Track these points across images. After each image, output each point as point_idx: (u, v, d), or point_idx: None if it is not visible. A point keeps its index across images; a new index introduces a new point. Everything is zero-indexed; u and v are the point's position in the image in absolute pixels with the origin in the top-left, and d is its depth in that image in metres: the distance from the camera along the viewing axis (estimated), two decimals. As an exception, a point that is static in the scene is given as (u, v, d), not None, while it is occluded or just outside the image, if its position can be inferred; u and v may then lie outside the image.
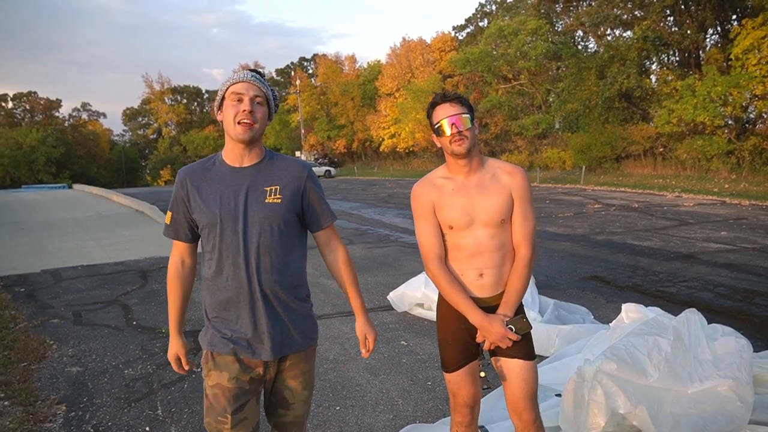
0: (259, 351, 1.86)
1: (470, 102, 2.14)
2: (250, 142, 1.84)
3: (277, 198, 1.85)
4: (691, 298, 5.49)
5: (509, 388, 2.16)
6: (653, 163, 23.06)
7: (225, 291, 1.84)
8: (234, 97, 1.80)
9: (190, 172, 1.90)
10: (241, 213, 1.82)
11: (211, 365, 1.87)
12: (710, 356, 2.78)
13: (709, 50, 23.28)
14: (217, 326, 1.88)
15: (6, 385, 3.89)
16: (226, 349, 1.85)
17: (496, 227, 2.11)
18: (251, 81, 1.82)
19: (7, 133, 60.54)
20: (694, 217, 11.24)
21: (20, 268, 8.46)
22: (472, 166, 2.13)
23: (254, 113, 1.80)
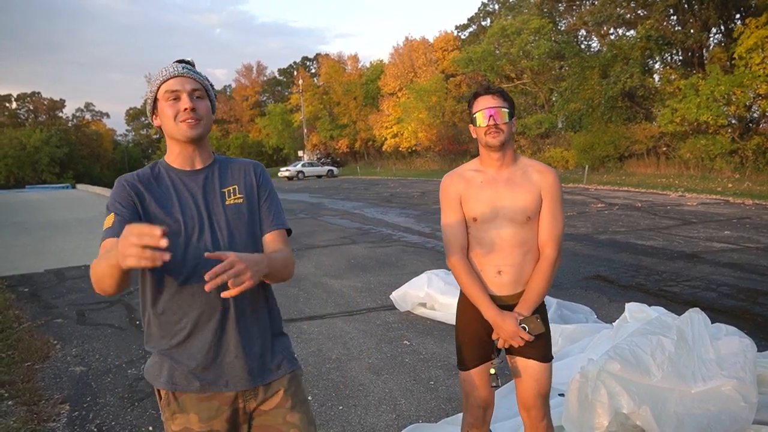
0: (234, 380, 1.56)
1: (512, 98, 2.15)
2: (199, 140, 1.61)
3: (239, 198, 1.65)
4: (694, 298, 5.48)
5: (521, 386, 2.17)
6: (656, 163, 23.01)
7: (189, 311, 1.54)
8: (169, 95, 1.56)
9: (136, 178, 1.60)
10: (205, 218, 1.58)
11: (175, 407, 1.55)
12: (714, 356, 2.77)
13: (713, 49, 23.20)
14: (174, 356, 1.55)
15: (10, 384, 3.90)
16: (192, 385, 1.53)
17: (520, 224, 2.10)
18: (185, 74, 1.58)
19: (10, 133, 60.73)
20: (697, 217, 11.21)
21: (24, 268, 8.48)
22: (505, 160, 2.13)
23: (197, 109, 1.57)
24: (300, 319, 5.34)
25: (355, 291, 6.33)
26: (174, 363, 1.55)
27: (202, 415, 1.55)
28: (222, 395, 1.56)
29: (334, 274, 7.24)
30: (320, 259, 8.30)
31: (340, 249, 9.18)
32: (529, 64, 29.60)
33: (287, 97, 61.18)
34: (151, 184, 1.60)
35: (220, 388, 1.55)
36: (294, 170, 40.91)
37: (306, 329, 5.01)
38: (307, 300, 6.02)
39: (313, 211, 15.65)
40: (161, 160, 1.68)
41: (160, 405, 1.60)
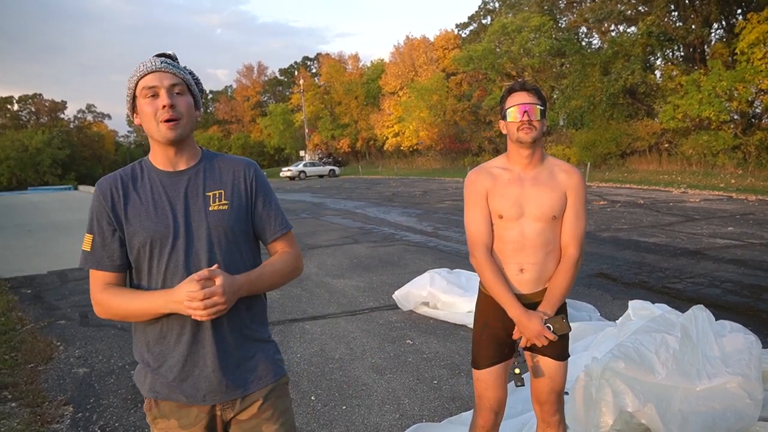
0: (211, 394, 1.53)
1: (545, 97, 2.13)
2: (181, 142, 1.52)
3: (223, 204, 1.54)
4: (698, 295, 5.46)
5: (535, 382, 2.19)
6: (658, 159, 22.97)
7: (165, 323, 1.50)
8: (147, 92, 1.47)
9: (112, 182, 1.53)
10: (182, 226, 1.49)
11: (156, 413, 1.56)
12: (719, 353, 2.76)
13: (714, 45, 23.16)
14: (153, 367, 1.54)
15: (13, 386, 3.90)
16: (172, 394, 1.53)
17: (545, 222, 2.09)
18: (163, 69, 1.48)
19: (12, 135, 60.88)
20: (700, 213, 11.19)
21: (27, 269, 8.49)
22: (533, 159, 2.12)
23: (176, 107, 1.47)
24: (303, 319, 5.34)
25: (358, 291, 6.33)
26: (154, 373, 1.54)
27: (182, 422, 1.54)
28: (199, 406, 1.54)
29: (337, 274, 7.24)
30: (322, 259, 8.30)
31: (342, 249, 9.18)
32: (530, 61, 29.56)
33: (288, 97, 61.18)
34: (129, 189, 1.53)
35: (198, 402, 1.53)
36: (296, 170, 40.94)
37: (309, 329, 5.00)
38: (310, 300, 6.02)
39: (315, 211, 15.65)
40: (145, 158, 1.60)
41: (145, 408, 1.60)
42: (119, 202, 1.51)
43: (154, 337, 1.53)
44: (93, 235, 1.51)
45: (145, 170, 1.57)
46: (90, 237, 1.51)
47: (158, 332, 1.52)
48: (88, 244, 1.51)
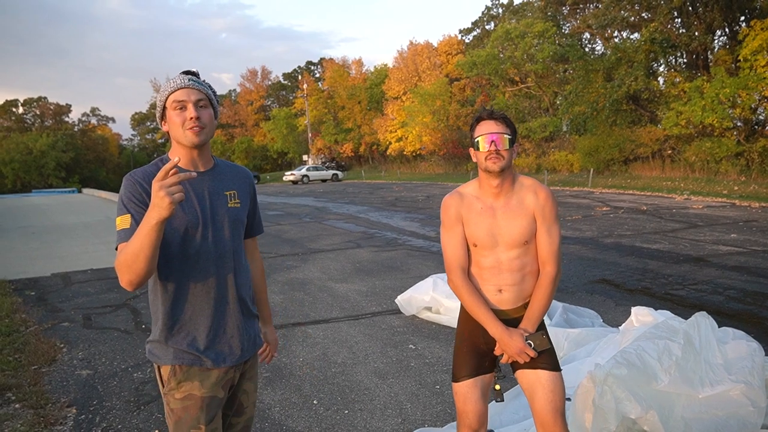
0: (229, 357, 1.81)
1: (514, 124, 2.15)
2: (202, 146, 1.78)
3: (237, 202, 1.85)
4: (701, 302, 5.45)
5: (536, 401, 2.10)
6: (661, 166, 22.95)
7: (193, 298, 1.75)
8: (176, 105, 1.72)
9: (145, 173, 1.72)
10: (209, 217, 1.76)
11: (181, 377, 1.75)
12: (721, 360, 2.76)
13: (717, 52, 23.18)
14: (177, 339, 1.75)
15: (17, 387, 3.91)
16: (197, 360, 1.75)
17: (519, 248, 2.13)
18: (191, 86, 1.74)
19: (17, 138, 61.13)
20: (703, 220, 11.17)
21: (31, 271, 8.52)
22: (503, 187, 2.14)
23: (201, 118, 1.73)
24: (305, 323, 5.35)
25: (361, 295, 6.33)
26: (176, 344, 1.75)
27: (204, 384, 1.77)
28: (220, 369, 1.80)
29: (339, 278, 7.24)
30: (325, 264, 8.31)
31: (345, 253, 9.19)
32: (533, 67, 29.61)
33: (292, 102, 61.34)
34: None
35: (219, 364, 1.78)
36: (299, 174, 41.00)
37: (311, 333, 5.01)
38: (313, 304, 6.03)
39: (318, 215, 15.67)
40: (165, 156, 1.84)
41: (165, 379, 1.77)
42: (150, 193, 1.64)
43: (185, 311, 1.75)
44: (131, 214, 1.65)
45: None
46: (128, 216, 1.65)
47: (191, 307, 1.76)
48: (126, 222, 1.65)
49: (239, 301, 1.83)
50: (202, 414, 1.74)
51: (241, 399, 1.93)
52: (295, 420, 3.36)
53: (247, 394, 1.94)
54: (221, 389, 1.80)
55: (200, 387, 1.75)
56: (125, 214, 1.65)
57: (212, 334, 1.77)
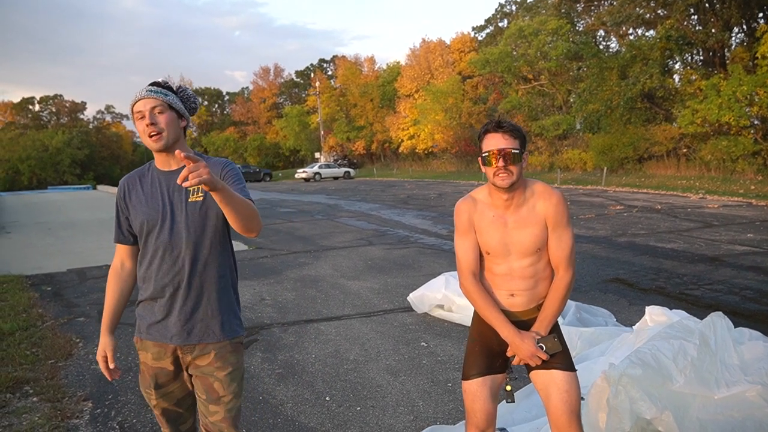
0: (175, 336, 1.99)
1: (524, 133, 2.10)
2: (167, 149, 1.96)
3: (199, 196, 1.97)
4: (716, 302, 5.40)
5: (551, 402, 2.08)
6: (676, 164, 22.69)
7: (153, 283, 1.99)
8: (137, 115, 1.94)
9: (128, 179, 2.09)
10: (168, 212, 1.97)
11: (140, 345, 2.07)
12: (737, 361, 2.73)
13: (735, 49, 22.85)
14: (140, 314, 2.06)
15: (34, 381, 3.97)
16: (148, 335, 2.04)
17: (531, 256, 2.12)
18: (146, 96, 1.93)
19: (34, 135, 61.85)
20: (718, 219, 11.04)
21: (47, 267, 8.64)
22: (513, 200, 2.12)
23: (157, 124, 1.92)
24: (317, 320, 5.37)
25: (373, 292, 6.34)
26: (140, 320, 2.07)
27: (154, 356, 2.03)
28: (167, 345, 2.01)
29: (352, 276, 7.26)
30: (337, 261, 8.33)
31: (357, 250, 9.20)
32: (547, 65, 29.40)
33: (304, 99, 61.41)
34: (137, 182, 2.05)
35: (166, 341, 2.00)
36: (311, 172, 41.10)
37: (324, 330, 5.03)
38: (325, 301, 6.05)
39: (330, 213, 15.70)
40: (152, 161, 2.09)
41: (134, 341, 2.11)
42: (128, 194, 2.05)
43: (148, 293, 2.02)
44: (117, 219, 2.08)
45: (150, 169, 2.07)
46: (116, 220, 2.09)
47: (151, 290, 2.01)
48: (115, 224, 2.10)
49: (195, 288, 1.99)
50: (152, 380, 2.04)
51: (215, 386, 2.01)
52: (308, 416, 3.38)
53: (221, 382, 2.01)
54: (171, 364, 2.02)
55: (152, 358, 2.03)
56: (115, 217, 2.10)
57: (160, 315, 2.00)
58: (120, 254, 2.11)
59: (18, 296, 6.55)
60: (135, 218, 2.00)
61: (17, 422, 3.36)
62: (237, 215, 1.87)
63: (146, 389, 2.08)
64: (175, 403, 2.08)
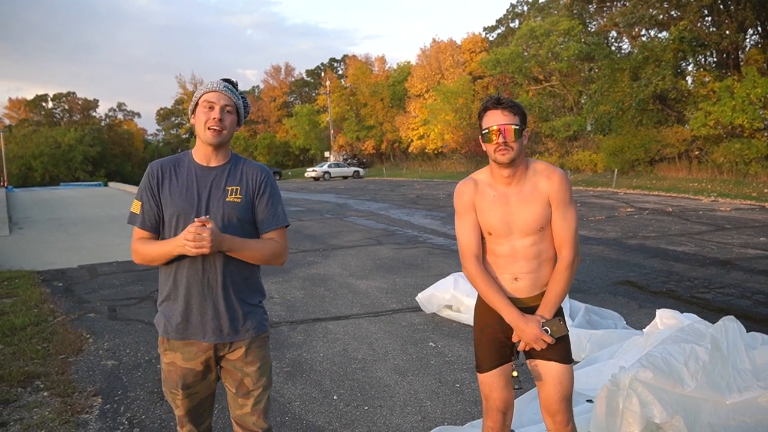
0: (208, 335, 1.98)
1: (524, 110, 2.10)
2: (218, 146, 1.99)
3: (237, 198, 1.99)
4: (728, 305, 5.34)
5: (544, 390, 2.15)
6: (688, 167, 22.48)
7: (181, 279, 1.97)
8: (206, 104, 1.95)
9: (162, 164, 2.03)
10: (203, 207, 1.96)
11: (167, 346, 2.03)
12: (750, 366, 2.70)
13: (749, 51, 22.62)
14: (166, 314, 2.02)
15: (45, 376, 4.01)
16: (178, 334, 2.00)
17: (534, 235, 2.11)
18: (223, 91, 1.96)
19: (46, 132, 62.47)
20: (731, 222, 10.93)
21: (58, 263, 8.71)
22: (515, 176, 2.11)
23: (223, 121, 1.95)
24: (326, 319, 5.37)
25: (381, 292, 6.34)
26: (166, 319, 2.02)
27: (185, 356, 2.00)
28: (200, 344, 2.00)
29: (360, 275, 7.26)
30: (346, 260, 8.34)
31: (365, 250, 9.21)
32: (558, 65, 29.25)
33: (314, 98, 61.54)
34: (172, 171, 2.01)
35: (199, 338, 1.99)
36: (320, 171, 41.19)
37: (332, 329, 5.04)
38: (333, 300, 6.05)
39: (339, 212, 15.72)
40: (189, 151, 2.08)
41: (159, 343, 2.07)
42: (161, 181, 2.00)
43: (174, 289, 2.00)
44: (141, 202, 2.01)
45: (186, 161, 2.05)
46: (139, 203, 2.01)
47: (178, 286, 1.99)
48: (137, 207, 2.01)
49: (226, 286, 1.98)
50: (180, 380, 2.01)
51: (245, 381, 2.04)
52: (315, 415, 3.38)
53: (251, 377, 2.04)
54: (200, 363, 2.01)
55: (181, 358, 2.00)
56: (138, 200, 2.01)
57: (190, 313, 1.98)
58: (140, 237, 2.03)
59: (30, 291, 6.61)
60: (166, 208, 1.98)
61: (28, 416, 3.39)
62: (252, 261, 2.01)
63: (172, 390, 2.04)
64: (198, 403, 2.07)
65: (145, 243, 1.99)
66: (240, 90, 2.07)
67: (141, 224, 2.01)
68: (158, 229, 2.02)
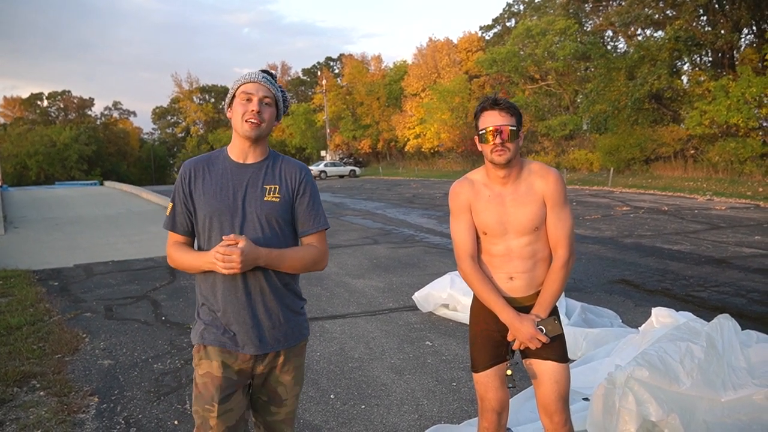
0: (248, 345, 1.86)
1: (520, 111, 2.11)
2: (256, 140, 1.87)
3: (276, 197, 1.87)
4: (723, 304, 5.37)
5: (540, 389, 2.16)
6: (684, 166, 22.57)
7: (219, 284, 1.85)
8: (244, 96, 1.84)
9: (194, 163, 1.93)
10: (239, 207, 1.84)
11: (203, 354, 1.89)
12: (745, 364, 2.72)
13: (744, 50, 22.71)
14: (206, 320, 1.90)
15: (41, 375, 4.00)
16: (217, 341, 1.87)
17: (529, 235, 2.12)
18: (261, 82, 1.85)
19: (41, 130, 62.16)
20: (726, 221, 10.98)
21: (54, 262, 8.68)
22: (510, 177, 2.12)
23: (262, 113, 1.83)
24: (322, 318, 5.38)
25: (378, 291, 6.35)
26: (204, 324, 1.90)
27: (223, 365, 1.86)
28: (237, 353, 1.87)
29: (357, 274, 7.27)
30: (342, 259, 8.34)
31: (362, 249, 9.21)
32: (554, 65, 29.29)
33: (311, 97, 61.48)
34: (207, 169, 1.90)
35: (238, 349, 1.86)
36: (316, 170, 41.15)
37: (328, 328, 5.04)
38: (330, 299, 6.06)
39: (336, 211, 15.71)
40: (224, 147, 1.96)
41: (194, 352, 1.94)
42: (194, 181, 1.89)
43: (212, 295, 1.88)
44: (173, 204, 1.92)
45: (221, 158, 1.93)
46: (171, 205, 1.93)
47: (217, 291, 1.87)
48: (169, 210, 1.93)
49: (268, 293, 1.87)
50: (217, 393, 1.84)
51: (279, 391, 1.96)
52: (312, 414, 3.38)
53: (285, 386, 1.96)
54: (238, 374, 1.87)
55: (217, 367, 1.85)
56: (171, 202, 1.93)
57: (232, 321, 1.85)
58: (176, 242, 1.93)
59: (25, 291, 6.59)
60: (200, 209, 1.86)
61: (24, 416, 3.39)
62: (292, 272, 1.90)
63: (206, 405, 1.84)
64: (234, 425, 1.88)
65: (180, 249, 1.90)
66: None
67: (172, 227, 1.92)
68: (192, 233, 1.93)
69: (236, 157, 1.90)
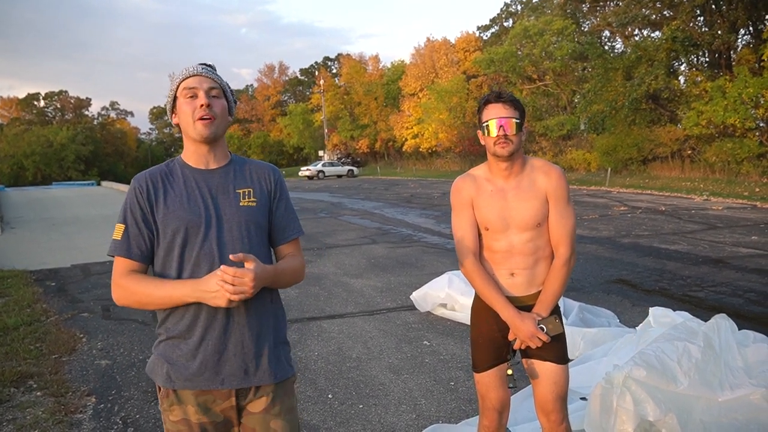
0: (230, 378, 1.58)
1: (522, 105, 2.12)
2: (214, 140, 1.63)
3: (252, 201, 1.65)
4: (720, 304, 5.38)
5: (539, 389, 2.16)
6: (681, 166, 22.62)
7: (199, 311, 1.55)
8: (187, 93, 1.60)
9: (149, 175, 1.64)
10: (214, 218, 1.59)
11: (173, 399, 1.59)
12: (742, 363, 2.72)
13: (741, 51, 22.75)
14: (170, 357, 1.58)
15: (39, 376, 3.99)
16: (190, 382, 1.57)
17: (531, 230, 2.11)
18: (203, 74, 1.62)
19: (38, 131, 62.08)
20: (723, 221, 11.01)
21: (51, 262, 8.67)
22: (513, 170, 2.13)
23: (212, 107, 1.60)
24: (320, 317, 5.37)
25: (376, 291, 6.35)
26: (169, 363, 1.58)
27: (200, 408, 1.58)
28: (218, 392, 1.59)
29: (355, 274, 7.26)
30: (340, 259, 8.34)
31: (360, 249, 9.21)
32: (552, 65, 29.35)
33: (308, 97, 61.47)
34: (164, 180, 1.63)
35: (217, 386, 1.57)
36: (314, 170, 41.15)
37: (326, 328, 5.04)
38: (328, 299, 6.05)
39: (334, 211, 15.71)
40: (178, 157, 1.70)
41: (160, 398, 1.63)
42: (154, 194, 1.60)
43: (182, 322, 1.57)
44: (125, 225, 1.59)
45: (178, 167, 1.67)
46: (122, 227, 1.59)
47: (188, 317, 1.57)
48: (119, 233, 1.59)
49: (249, 314, 1.59)
50: None
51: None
52: (310, 413, 3.38)
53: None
54: (220, 414, 1.60)
55: (195, 412, 1.57)
56: (121, 223, 1.60)
57: (209, 351, 1.56)
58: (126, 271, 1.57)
59: (22, 291, 6.57)
60: (168, 223, 1.57)
61: (21, 416, 3.38)
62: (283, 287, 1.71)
63: None
64: None
65: (140, 280, 1.55)
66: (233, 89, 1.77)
67: (126, 253, 1.56)
68: (149, 258, 1.60)
69: (197, 164, 1.65)
